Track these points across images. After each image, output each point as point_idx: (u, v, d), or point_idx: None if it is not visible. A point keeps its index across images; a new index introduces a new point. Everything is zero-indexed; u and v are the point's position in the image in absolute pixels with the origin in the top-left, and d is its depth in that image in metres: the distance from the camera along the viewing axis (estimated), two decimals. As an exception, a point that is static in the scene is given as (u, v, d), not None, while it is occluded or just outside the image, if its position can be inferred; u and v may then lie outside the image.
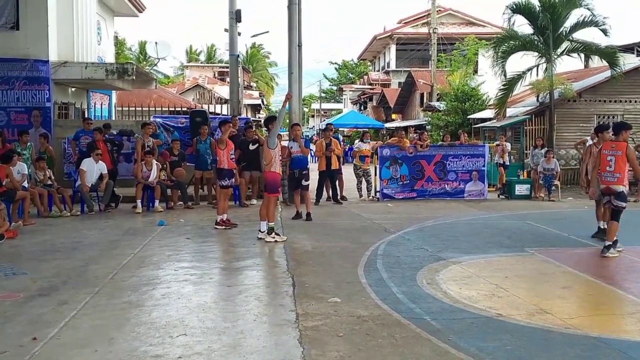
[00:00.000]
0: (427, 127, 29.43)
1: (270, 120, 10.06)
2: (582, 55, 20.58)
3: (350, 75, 65.00)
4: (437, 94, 32.07)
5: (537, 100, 20.14)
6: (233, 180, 11.03)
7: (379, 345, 4.77)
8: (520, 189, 15.56)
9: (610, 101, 19.56)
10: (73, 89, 18.35)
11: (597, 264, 7.94)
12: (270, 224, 9.36)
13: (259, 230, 9.50)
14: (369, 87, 53.39)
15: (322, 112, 66.94)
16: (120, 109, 21.90)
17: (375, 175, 15.32)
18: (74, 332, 5.07)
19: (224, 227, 10.49)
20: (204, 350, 4.62)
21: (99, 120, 17.90)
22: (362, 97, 53.88)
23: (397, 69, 50.43)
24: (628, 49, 24.23)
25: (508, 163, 17.44)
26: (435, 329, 5.17)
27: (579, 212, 13.01)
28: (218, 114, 19.08)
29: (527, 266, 7.75)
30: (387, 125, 40.17)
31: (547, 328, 5.22)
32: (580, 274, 7.27)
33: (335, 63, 67.62)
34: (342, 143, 16.36)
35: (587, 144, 16.78)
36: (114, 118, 21.35)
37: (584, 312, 5.65)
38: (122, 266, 7.55)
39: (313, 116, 74.37)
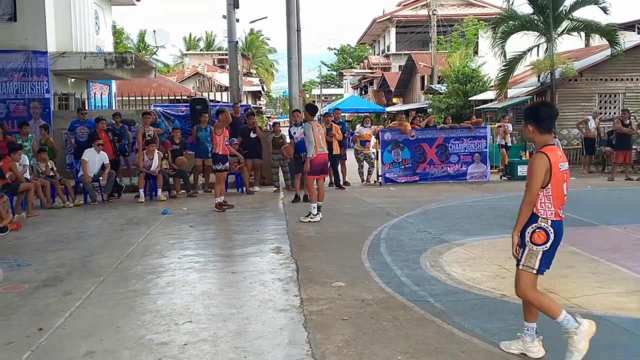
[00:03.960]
0: (428, 109, 29.34)
1: (313, 110, 10.41)
2: (583, 34, 20.45)
3: (349, 59, 64.67)
4: (438, 77, 31.92)
5: (538, 80, 20.06)
6: (227, 164, 11.46)
7: (384, 328, 4.78)
8: (523, 169, 15.51)
9: (611, 79, 19.46)
10: (72, 80, 18.31)
11: (600, 243, 7.93)
12: (317, 202, 9.80)
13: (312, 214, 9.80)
14: (370, 71, 53.13)
15: (323, 98, 66.73)
16: (120, 98, 21.86)
17: (377, 159, 15.29)
18: (79, 322, 5.10)
19: (221, 209, 10.92)
20: (209, 337, 4.65)
21: (98, 111, 17.90)
22: (362, 81, 53.65)
23: (398, 52, 50.15)
24: (629, 26, 24.05)
25: (510, 144, 17.41)
26: (440, 310, 5.18)
27: (580, 191, 12.98)
28: (218, 102, 19.03)
29: (530, 246, 7.74)
30: (388, 109, 40.03)
31: (551, 307, 5.22)
32: (583, 253, 7.27)
33: (334, 48, 67.27)
34: (347, 131, 16.33)
35: (590, 124, 16.83)
36: (114, 108, 21.30)
37: (588, 290, 5.65)
38: (127, 255, 7.58)
39: (314, 102, 74.15)
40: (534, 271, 3.97)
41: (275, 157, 13.82)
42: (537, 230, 3.90)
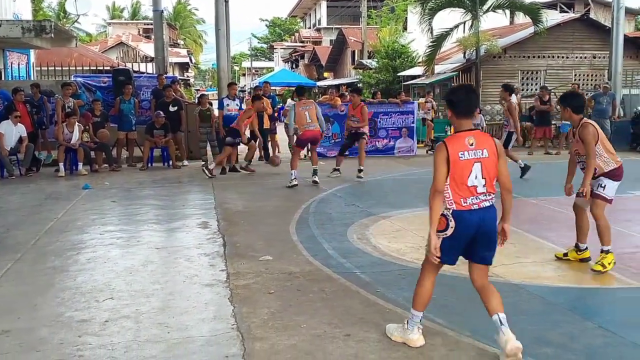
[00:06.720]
0: (358, 84, 29.51)
1: (299, 91, 11.35)
2: (508, 12, 20.99)
3: (281, 32, 64.14)
4: (368, 52, 32.12)
5: (464, 56, 20.48)
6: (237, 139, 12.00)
7: (310, 300, 4.82)
8: (448, 144, 15.87)
9: (534, 57, 20.10)
10: (-13, 48, 17.32)
11: (520, 215, 8.23)
12: (314, 166, 10.81)
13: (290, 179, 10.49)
14: (301, 44, 52.85)
15: (253, 71, 66.03)
16: (39, 68, 20.86)
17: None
18: (-6, 300, 4.89)
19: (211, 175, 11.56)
20: (131, 314, 4.55)
21: (16, 81, 17.04)
22: (293, 55, 53.34)
23: (329, 26, 50.06)
24: (551, 5, 24.90)
25: (431, 118, 17.77)
26: (365, 282, 5.26)
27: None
28: (143, 73, 18.46)
29: (453, 219, 7.95)
30: (319, 83, 40.03)
31: (471, 277, 5.39)
32: (503, 224, 7.50)
33: (266, 20, 66.56)
34: (277, 105, 16.25)
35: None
36: (33, 78, 20.34)
37: (507, 260, 5.85)
38: (45, 231, 7.31)
39: (244, 75, 73.22)
40: (433, 256, 3.86)
41: (202, 130, 13.55)
42: (440, 217, 3.85)
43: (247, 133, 12.28)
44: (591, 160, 5.44)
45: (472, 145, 3.75)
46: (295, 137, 11.29)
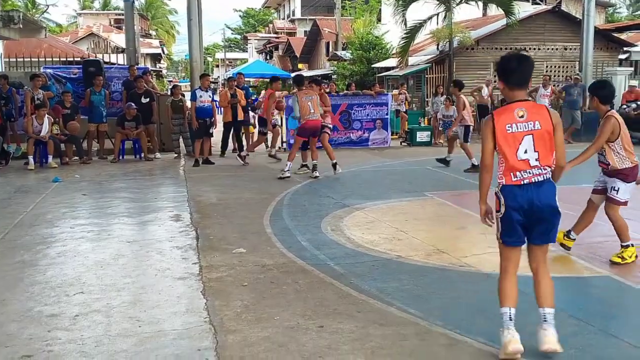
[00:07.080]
0: (332, 76, 29.49)
1: (298, 80, 11.21)
2: (480, 4, 21.12)
3: (254, 23, 63.78)
4: (343, 43, 32.08)
5: (437, 48, 20.56)
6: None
7: (283, 292, 4.81)
8: (421, 135, 16.00)
9: (506, 49, 20.23)
10: (-48, 39, 16.90)
11: (492, 205, 8.32)
12: (314, 161, 10.70)
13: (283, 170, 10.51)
14: (275, 36, 52.61)
15: (227, 62, 65.55)
16: (7, 59, 20.44)
17: (282, 125, 15.21)
18: (-40, 296, 4.79)
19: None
20: (102, 308, 4.49)
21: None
22: (267, 46, 53.05)
23: (303, 17, 49.89)
24: (523, -2, 25.08)
25: (405, 110, 17.83)
26: (338, 273, 5.27)
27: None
28: (114, 64, 18.20)
29: (426, 209, 8.02)
30: (294, 75, 39.88)
31: (443, 267, 5.45)
32: (474, 214, 7.51)
33: (240, 10, 66.10)
34: (251, 97, 16.10)
35: (483, 92, 17.48)
36: (1, 69, 19.93)
37: (478, 250, 5.91)
38: (14, 225, 7.18)
39: (218, 66, 72.60)
40: (499, 240, 3.76)
41: (175, 122, 13.41)
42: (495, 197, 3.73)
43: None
44: (593, 148, 5.44)
45: (522, 117, 3.58)
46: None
